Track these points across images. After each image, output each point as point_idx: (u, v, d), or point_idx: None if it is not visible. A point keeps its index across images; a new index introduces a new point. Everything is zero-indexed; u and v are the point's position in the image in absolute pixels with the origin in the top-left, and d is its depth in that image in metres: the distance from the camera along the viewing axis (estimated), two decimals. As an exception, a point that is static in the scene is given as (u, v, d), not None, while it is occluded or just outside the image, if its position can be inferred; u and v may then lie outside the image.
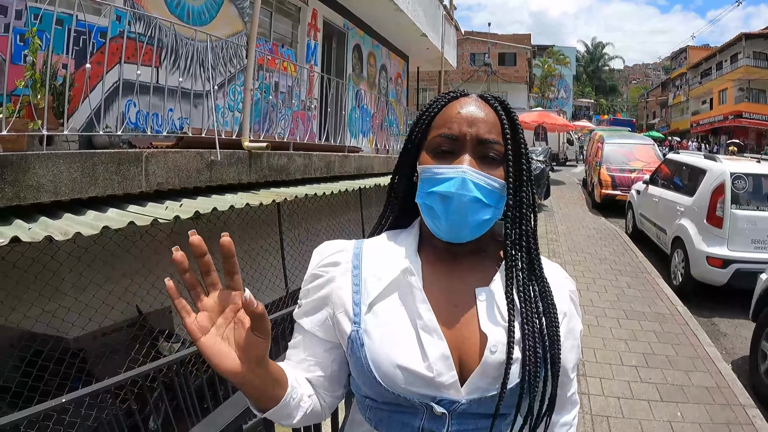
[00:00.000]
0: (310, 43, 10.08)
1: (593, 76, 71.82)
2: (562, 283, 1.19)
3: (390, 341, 1.02)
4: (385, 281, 1.07)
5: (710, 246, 7.24)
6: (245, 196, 5.32)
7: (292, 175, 6.62)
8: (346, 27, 11.64)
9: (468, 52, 42.19)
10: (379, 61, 13.67)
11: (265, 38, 8.91)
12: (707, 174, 7.79)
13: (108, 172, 4.17)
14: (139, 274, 5.10)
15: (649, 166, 14.41)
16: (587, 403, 4.46)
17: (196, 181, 5.15)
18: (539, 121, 25.06)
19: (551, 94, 51.10)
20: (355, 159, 8.47)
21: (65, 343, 4.44)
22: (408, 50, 15.59)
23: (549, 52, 54.16)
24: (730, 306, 7.42)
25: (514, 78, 43.56)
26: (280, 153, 6.43)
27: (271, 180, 6.27)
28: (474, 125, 1.06)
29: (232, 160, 5.61)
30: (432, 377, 0.99)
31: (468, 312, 1.06)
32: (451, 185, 1.01)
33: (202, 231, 3.40)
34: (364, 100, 11.81)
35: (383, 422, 1.08)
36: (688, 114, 53.24)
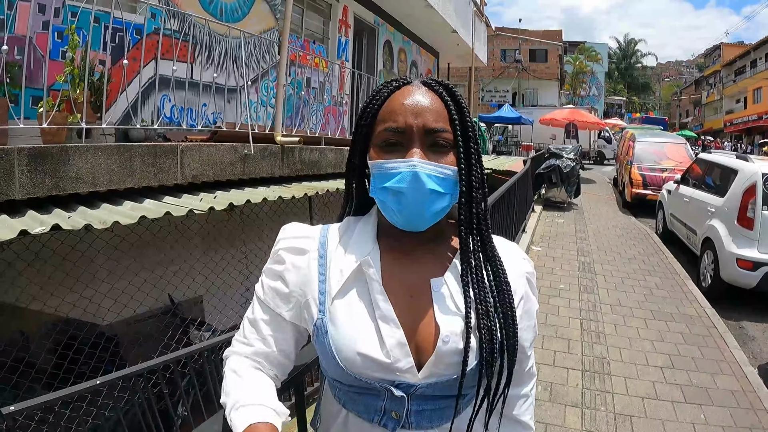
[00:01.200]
0: (341, 39, 10.17)
1: (625, 74, 70.64)
2: (518, 264, 1.21)
3: (351, 330, 1.07)
4: (346, 273, 1.11)
5: (740, 248, 7.15)
6: (278, 189, 5.42)
7: (323, 170, 6.71)
8: (377, 23, 11.70)
9: (498, 49, 41.79)
10: (409, 57, 13.72)
11: (297, 34, 9.03)
12: (739, 174, 7.69)
13: (145, 164, 4.30)
14: (173, 264, 5.25)
15: (680, 165, 14.21)
16: (611, 402, 4.48)
17: (230, 174, 5.27)
18: (570, 119, 24.84)
19: (582, 91, 50.35)
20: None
21: (99, 329, 4.59)
22: (438, 46, 15.61)
23: (580, 49, 53.39)
24: (760, 309, 7.33)
25: (545, 75, 43.13)
26: (312, 147, 6.52)
27: (303, 174, 6.37)
28: (420, 115, 1.06)
29: (265, 154, 5.72)
30: (389, 363, 1.04)
31: (424, 302, 1.10)
32: (402, 180, 1.03)
33: (234, 222, 3.57)
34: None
35: (350, 402, 1.14)
36: (722, 113, 52.23)
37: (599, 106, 51.41)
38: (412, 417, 1.09)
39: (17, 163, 3.42)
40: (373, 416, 1.11)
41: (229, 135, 5.49)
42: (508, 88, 42.33)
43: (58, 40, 4.99)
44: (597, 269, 8.37)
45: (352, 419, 1.15)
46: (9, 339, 4.24)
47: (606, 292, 7.24)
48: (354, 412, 1.14)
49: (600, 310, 6.55)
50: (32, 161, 3.51)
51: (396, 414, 1.09)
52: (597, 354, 5.37)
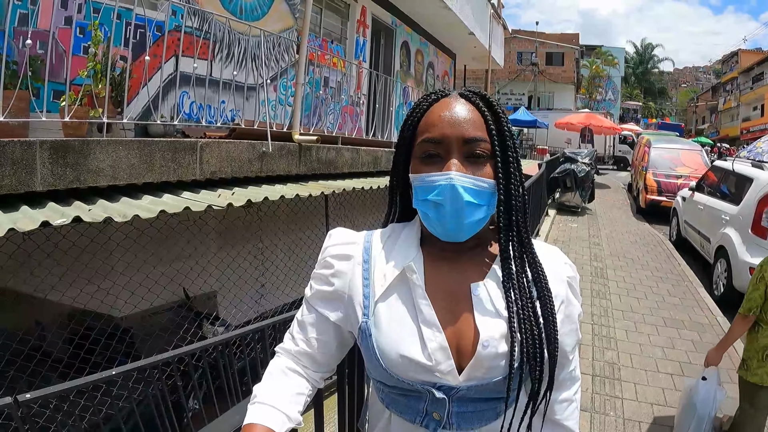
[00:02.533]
0: (358, 40, 10.22)
1: (642, 78, 70.06)
2: (560, 268, 1.24)
3: (394, 333, 1.11)
4: (389, 278, 1.15)
5: (754, 257, 7.09)
6: (295, 187, 5.47)
7: (339, 169, 6.76)
8: (394, 24, 11.74)
9: (515, 51, 41.64)
10: (426, 58, 13.74)
11: (315, 34, 9.08)
12: (754, 182, 7.64)
13: (164, 160, 4.36)
14: (189, 259, 5.31)
15: (695, 172, 14.14)
16: (620, 407, 4.49)
17: (248, 171, 5.33)
18: (586, 123, 24.80)
19: (598, 95, 50.08)
20: (402, 155, 8.58)
21: (115, 321, 4.66)
22: (455, 48, 15.61)
23: (597, 53, 53.04)
24: (773, 318, 7.30)
25: (561, 78, 42.97)
26: (329, 147, 6.57)
27: (320, 173, 6.42)
28: (457, 126, 1.09)
29: (282, 152, 5.78)
30: (431, 366, 1.08)
31: (464, 307, 1.13)
32: (441, 193, 1.07)
33: (251, 219, 3.63)
34: (411, 97, 11.88)
35: (393, 403, 1.19)
36: (738, 120, 51.66)
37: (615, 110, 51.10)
38: (453, 418, 1.12)
39: (39, 156, 3.49)
40: (415, 417, 1.15)
41: (247, 132, 5.55)
42: (524, 91, 42.13)
43: (81, 35, 5.05)
44: (609, 275, 8.37)
45: (395, 420, 1.19)
46: (26, 328, 4.32)
47: (618, 298, 7.24)
48: (397, 413, 1.18)
49: (612, 315, 6.55)
50: (54, 154, 3.58)
51: (437, 415, 1.12)
52: (608, 359, 5.38)
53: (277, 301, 6.27)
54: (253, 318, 5.82)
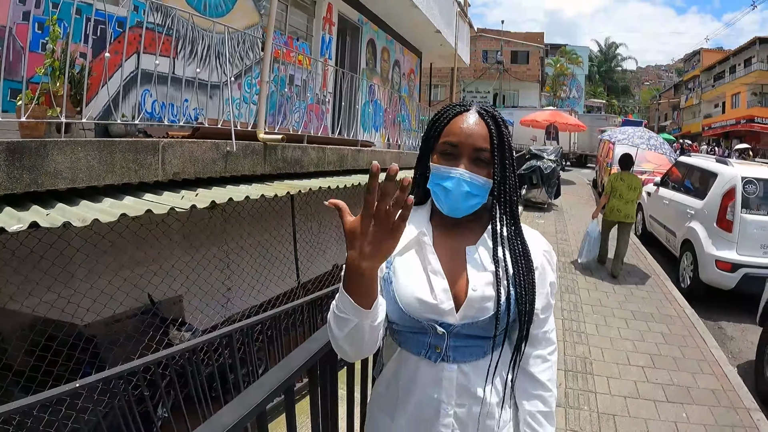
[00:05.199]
0: (324, 37, 10.10)
1: (605, 77, 71.09)
2: (538, 242, 1.61)
3: (409, 280, 1.46)
4: (405, 240, 1.46)
5: (719, 250, 7.24)
6: (260, 188, 5.35)
7: (305, 168, 6.66)
8: (361, 22, 11.65)
9: (480, 50, 41.83)
10: (392, 56, 13.67)
11: (281, 31, 8.95)
12: (718, 178, 7.79)
13: (125, 161, 4.22)
14: (153, 263, 5.17)
15: (659, 168, 14.32)
16: (594, 401, 4.50)
17: (212, 172, 5.20)
18: (551, 120, 24.98)
19: (563, 93, 50.57)
20: (368, 153, 8.48)
21: (78, 330, 4.50)
22: (422, 46, 15.56)
23: (562, 51, 53.61)
24: (738, 310, 7.44)
25: (526, 76, 43.26)
26: (294, 146, 6.47)
27: (285, 172, 6.31)
28: (471, 137, 1.46)
29: (247, 151, 5.66)
30: (436, 304, 1.42)
31: (461, 263, 1.50)
32: (450, 182, 1.45)
33: (216, 221, 3.49)
34: (377, 95, 11.80)
35: (404, 341, 1.52)
36: (700, 117, 52.81)
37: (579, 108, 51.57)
38: (449, 351, 1.46)
39: (-6, 158, 3.34)
40: (421, 350, 1.48)
41: (211, 132, 5.41)
42: (489, 89, 42.38)
43: (39, 31, 4.89)
44: (577, 269, 8.42)
45: (404, 354, 1.52)
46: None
47: (587, 293, 7.28)
48: (406, 349, 1.52)
49: (581, 310, 6.58)
50: (10, 156, 3.42)
51: (438, 348, 1.46)
52: (579, 354, 5.39)
53: (244, 304, 6.14)
54: (221, 322, 5.70)
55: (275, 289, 6.35)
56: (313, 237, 7.19)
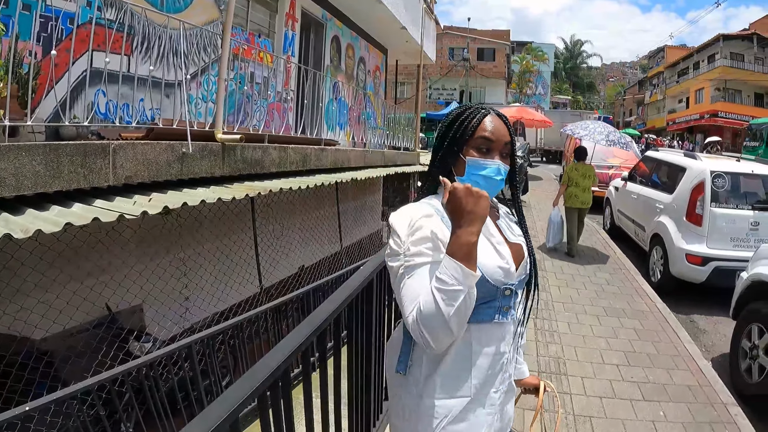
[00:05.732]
0: (287, 34, 9.85)
1: (571, 73, 71.91)
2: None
3: (485, 253, 1.63)
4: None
5: (689, 243, 7.23)
6: (218, 190, 5.15)
7: (266, 168, 6.46)
8: (325, 18, 11.42)
9: (447, 47, 42.10)
10: (357, 53, 13.44)
11: (242, 27, 8.68)
12: (687, 172, 7.79)
13: (73, 165, 3.97)
14: (107, 272, 4.92)
15: (626, 163, 14.45)
16: (569, 403, 4.38)
17: (167, 175, 4.95)
18: (518, 117, 24.97)
19: (529, 90, 51.15)
20: (332, 152, 8.30)
21: (30, 345, 4.25)
22: (387, 43, 15.37)
23: (528, 49, 54.06)
24: (709, 303, 7.44)
25: (492, 73, 43.62)
26: (255, 145, 6.26)
27: (246, 173, 6.10)
28: (502, 135, 1.71)
29: (204, 152, 5.43)
30: (508, 268, 1.67)
31: (499, 233, 1.76)
32: (491, 171, 1.69)
33: (172, 227, 3.27)
34: (342, 93, 11.60)
35: (475, 315, 1.58)
36: (665, 112, 53.74)
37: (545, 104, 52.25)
38: (513, 308, 1.74)
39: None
40: (493, 315, 1.68)
41: (166, 132, 5.16)
42: (455, 86, 42.66)
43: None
44: (547, 266, 8.34)
45: (475, 327, 1.65)
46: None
47: (558, 290, 7.19)
48: (476, 321, 1.64)
49: (553, 308, 6.48)
50: (-55, 163, 3.17)
51: (506, 308, 1.70)
52: (552, 354, 5.27)
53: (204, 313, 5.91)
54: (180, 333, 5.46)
55: (236, 296, 6.14)
56: (275, 240, 6.98)
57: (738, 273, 6.88)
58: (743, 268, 6.78)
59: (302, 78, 8.70)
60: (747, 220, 7.15)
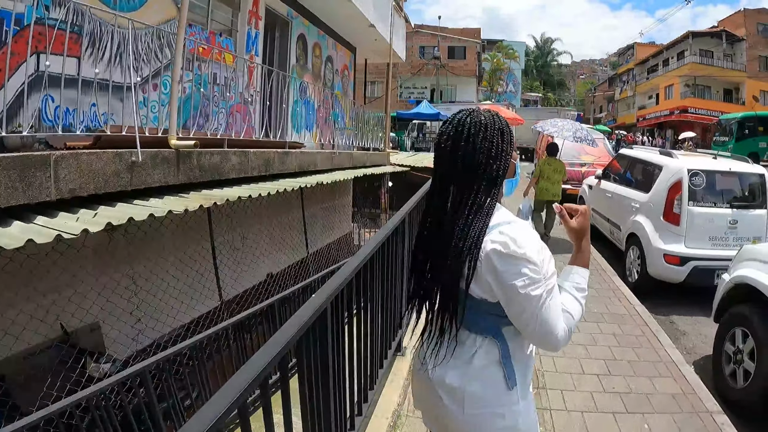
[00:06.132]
0: (250, 32, 9.50)
1: (542, 71, 72.58)
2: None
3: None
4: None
5: (667, 243, 7.09)
6: (171, 201, 4.85)
7: (226, 175, 6.16)
8: (290, 16, 11.08)
9: (417, 45, 42.13)
10: (325, 52, 13.11)
11: (202, 26, 8.32)
12: (663, 170, 7.62)
13: (10, 179, 3.62)
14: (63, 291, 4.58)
15: (599, 160, 14.35)
16: (550, 420, 4.13)
17: (115, 186, 4.62)
18: (488, 115, 24.93)
19: (500, 87, 51.45)
20: (297, 156, 8.00)
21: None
22: (356, 41, 15.07)
23: (498, 47, 54.41)
24: (688, 302, 7.31)
25: (463, 71, 43.68)
26: (212, 151, 5.95)
27: (204, 181, 5.79)
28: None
29: (156, 160, 5.12)
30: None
31: None
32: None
33: (118, 243, 2.89)
34: (309, 93, 11.26)
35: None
36: (635, 108, 54.47)
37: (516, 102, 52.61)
38: None
39: None
40: None
41: (115, 140, 4.80)
42: (426, 85, 42.80)
43: None
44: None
45: None
46: None
47: (534, 294, 6.96)
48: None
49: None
50: None
51: None
52: (531, 365, 5.03)
53: (157, 334, 5.57)
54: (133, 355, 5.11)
55: (193, 312, 5.81)
56: (235, 250, 6.65)
57: (717, 272, 6.77)
58: (722, 268, 6.64)
59: (266, 78, 8.38)
60: (725, 219, 7.02)
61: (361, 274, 2.70)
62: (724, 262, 6.66)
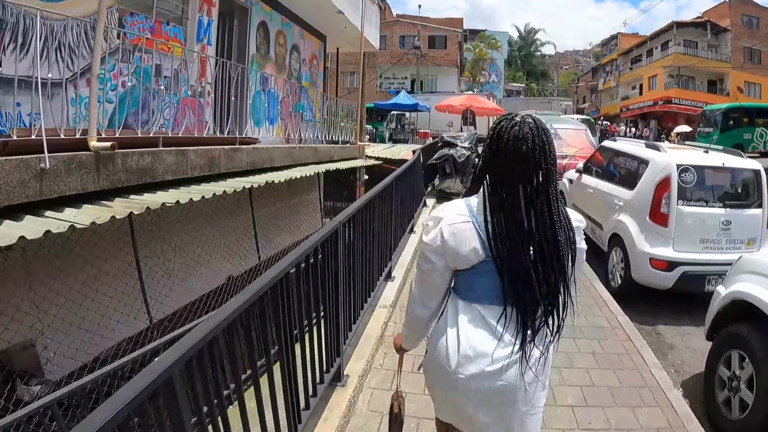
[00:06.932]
0: (202, 20, 8.73)
1: (525, 61, 72.54)
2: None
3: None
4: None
5: (654, 246, 6.43)
6: (87, 211, 4.19)
7: (160, 177, 5.48)
8: (250, 2, 10.30)
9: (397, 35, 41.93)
10: (290, 40, 12.32)
11: (146, 14, 7.55)
12: (650, 165, 6.95)
13: None
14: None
15: (581, 152, 13.83)
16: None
17: (21, 197, 4.00)
18: (467, 105, 24.28)
19: (482, 78, 51.15)
20: (249, 152, 7.29)
21: None
22: (325, 30, 14.28)
23: (481, 37, 54.21)
24: (675, 309, 6.72)
25: (444, 61, 43.51)
26: (142, 151, 5.26)
27: (133, 185, 5.11)
28: None
29: (72, 165, 4.47)
30: None
31: None
32: None
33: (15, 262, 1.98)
34: (272, 84, 10.50)
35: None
36: (618, 99, 54.47)
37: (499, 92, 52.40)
38: None
39: None
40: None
41: (27, 145, 4.13)
42: (406, 75, 42.60)
43: None
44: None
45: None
46: None
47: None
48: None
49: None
50: None
51: None
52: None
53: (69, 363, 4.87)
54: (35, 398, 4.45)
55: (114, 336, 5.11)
56: (166, 263, 5.91)
57: (708, 278, 6.17)
58: (714, 273, 6.05)
59: (221, 69, 7.67)
60: (718, 219, 6.35)
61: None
62: (716, 267, 6.09)
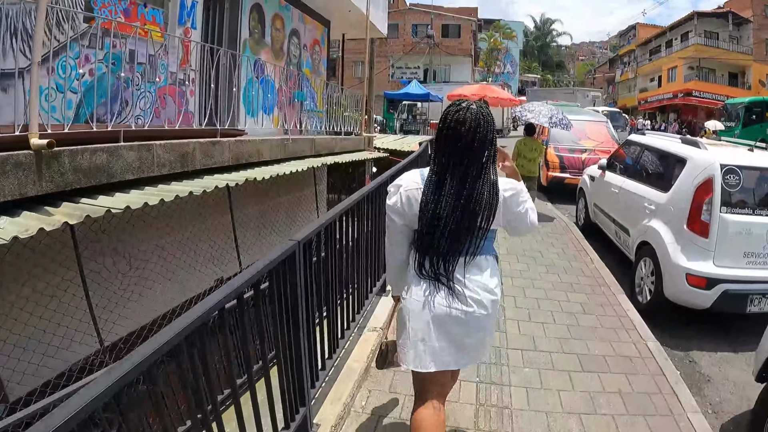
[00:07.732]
0: (184, 2, 7.90)
1: (540, 52, 71.79)
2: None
3: None
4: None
5: (691, 260, 5.53)
6: (20, 221, 3.51)
7: (119, 177, 4.76)
8: (242, -18, 9.45)
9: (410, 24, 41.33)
10: (289, 24, 11.43)
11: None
12: (688, 164, 6.06)
13: None
14: None
15: (601, 146, 13.03)
16: None
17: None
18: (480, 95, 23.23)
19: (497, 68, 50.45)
20: (231, 145, 6.49)
21: None
22: (328, 13, 13.32)
23: (495, 26, 53.54)
24: (711, 330, 5.89)
25: (457, 51, 43.02)
26: (95, 148, 4.54)
27: (84, 186, 4.38)
28: None
29: (5, 167, 3.80)
30: None
31: None
32: None
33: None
34: (268, 71, 9.66)
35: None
36: (636, 91, 53.43)
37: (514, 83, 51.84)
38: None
39: None
40: None
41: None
42: (419, 65, 42.12)
43: None
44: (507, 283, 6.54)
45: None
46: None
47: (516, 326, 5.40)
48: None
49: (507, 361, 4.69)
50: None
51: None
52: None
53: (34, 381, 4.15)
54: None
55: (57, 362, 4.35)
56: (120, 278, 5.14)
57: (751, 298, 5.33)
58: (758, 292, 5.24)
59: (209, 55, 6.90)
60: (765, 230, 5.44)
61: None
62: (761, 285, 5.24)
